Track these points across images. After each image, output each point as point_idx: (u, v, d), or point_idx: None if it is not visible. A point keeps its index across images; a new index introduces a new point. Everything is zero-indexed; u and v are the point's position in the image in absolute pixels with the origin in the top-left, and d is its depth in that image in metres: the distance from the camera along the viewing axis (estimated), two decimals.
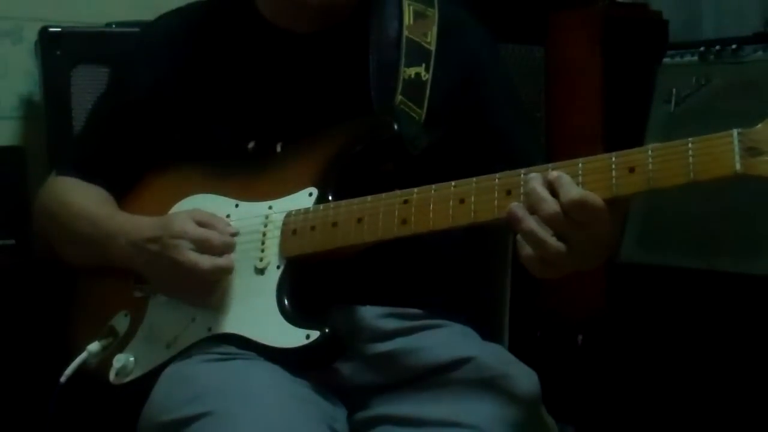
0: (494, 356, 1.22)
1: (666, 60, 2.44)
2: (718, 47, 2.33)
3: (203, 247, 1.20)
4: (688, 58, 2.40)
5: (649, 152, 0.98)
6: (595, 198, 0.98)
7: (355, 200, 1.17)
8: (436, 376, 1.19)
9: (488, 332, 1.32)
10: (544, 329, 2.57)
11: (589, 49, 2.59)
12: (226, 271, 1.21)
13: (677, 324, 2.32)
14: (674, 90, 2.37)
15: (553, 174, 1.00)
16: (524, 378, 1.19)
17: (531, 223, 0.99)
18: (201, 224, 1.21)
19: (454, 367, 1.19)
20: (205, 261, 1.19)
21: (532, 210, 1.00)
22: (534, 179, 1.02)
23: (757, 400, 2.15)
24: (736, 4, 2.81)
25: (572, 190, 0.98)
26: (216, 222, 1.23)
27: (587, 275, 1.05)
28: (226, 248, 1.21)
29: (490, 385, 1.16)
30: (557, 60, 2.66)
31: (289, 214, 1.22)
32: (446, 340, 1.23)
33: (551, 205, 0.99)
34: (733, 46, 2.30)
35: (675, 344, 2.32)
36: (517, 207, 1.01)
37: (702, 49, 2.36)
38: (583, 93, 2.60)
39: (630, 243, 2.37)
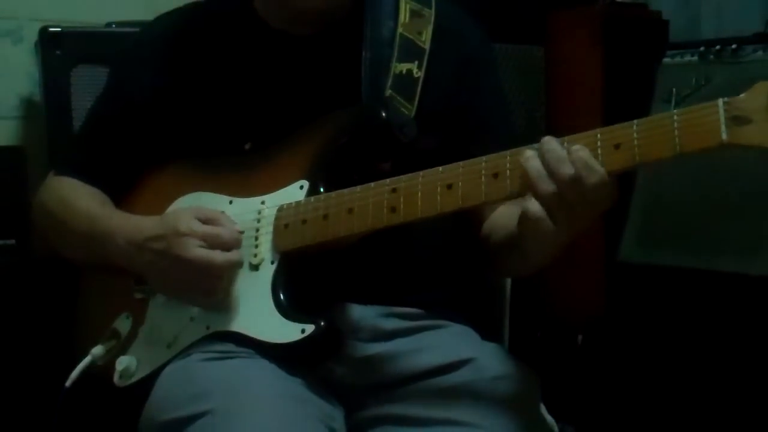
0: (494, 356, 1.22)
1: (666, 60, 2.43)
2: (718, 47, 2.32)
3: (213, 243, 1.19)
4: (688, 58, 2.39)
5: (634, 127, 0.98)
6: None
7: (345, 191, 1.16)
8: (436, 377, 1.19)
9: (488, 332, 1.31)
10: (544, 329, 2.57)
11: (589, 49, 2.59)
12: (237, 265, 1.20)
13: (677, 324, 2.32)
14: (674, 90, 2.37)
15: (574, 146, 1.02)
16: (524, 378, 1.19)
17: (549, 184, 1.02)
18: (205, 221, 1.21)
19: (454, 367, 1.19)
20: (218, 256, 1.18)
21: (550, 169, 1.02)
22: (552, 140, 1.04)
23: (758, 400, 2.15)
24: (736, 4, 2.81)
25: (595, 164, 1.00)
26: (221, 218, 1.22)
27: (587, 275, 1.05)
28: (236, 243, 1.21)
29: (490, 385, 1.16)
30: (557, 60, 2.66)
31: (281, 208, 1.22)
32: (446, 341, 1.23)
33: (569, 168, 1.01)
34: (733, 46, 2.30)
35: (675, 344, 2.32)
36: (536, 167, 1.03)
37: (702, 49, 2.35)
38: (583, 93, 2.60)
39: (630, 243, 2.37)
